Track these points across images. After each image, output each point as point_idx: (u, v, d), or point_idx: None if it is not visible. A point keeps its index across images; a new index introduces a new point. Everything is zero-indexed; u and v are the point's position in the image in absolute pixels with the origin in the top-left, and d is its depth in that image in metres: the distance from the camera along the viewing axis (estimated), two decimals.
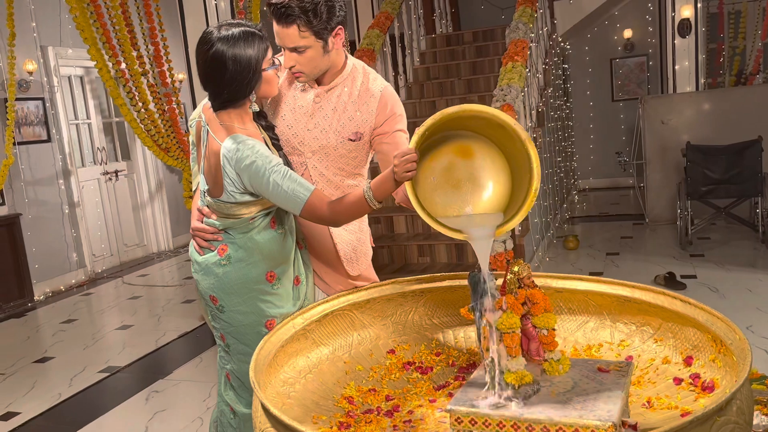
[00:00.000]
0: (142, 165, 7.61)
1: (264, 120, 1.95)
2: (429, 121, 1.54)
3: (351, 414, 1.74)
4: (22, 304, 5.81)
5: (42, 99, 6.29)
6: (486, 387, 1.45)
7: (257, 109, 1.85)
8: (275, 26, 1.83)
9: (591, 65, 9.19)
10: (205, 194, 1.86)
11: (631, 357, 1.81)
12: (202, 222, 1.91)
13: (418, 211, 1.60)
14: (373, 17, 6.71)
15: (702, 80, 7.06)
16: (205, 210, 1.89)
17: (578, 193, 8.95)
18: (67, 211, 6.53)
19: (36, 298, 6.00)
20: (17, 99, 5.87)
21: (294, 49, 1.84)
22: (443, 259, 4.96)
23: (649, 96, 7.58)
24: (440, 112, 1.55)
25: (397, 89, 6.75)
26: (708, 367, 1.63)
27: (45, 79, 6.35)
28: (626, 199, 8.30)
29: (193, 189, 1.95)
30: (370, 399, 1.81)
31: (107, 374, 3.94)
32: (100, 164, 7.17)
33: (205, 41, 1.75)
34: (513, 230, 4.31)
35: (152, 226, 7.75)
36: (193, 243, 1.94)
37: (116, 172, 7.35)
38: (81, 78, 7.03)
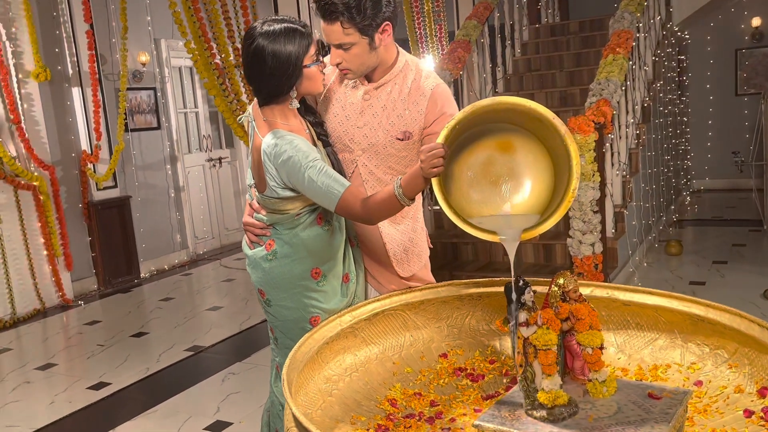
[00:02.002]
0: (244, 153, 7.91)
1: (312, 116, 1.93)
2: (460, 115, 1.46)
3: (391, 417, 1.70)
4: (129, 281, 6.23)
5: (154, 89, 6.69)
6: (521, 406, 1.36)
7: (297, 105, 1.84)
8: (321, 22, 1.81)
9: (713, 56, 8.50)
10: (253, 189, 1.88)
11: (700, 382, 1.64)
12: (252, 217, 1.93)
13: (445, 209, 1.52)
14: (473, 7, 6.56)
15: None
16: (255, 205, 1.91)
17: (691, 195, 8.34)
18: (173, 194, 6.92)
19: (142, 275, 6.41)
20: (131, 89, 6.27)
21: (339, 46, 1.81)
22: (530, 260, 4.78)
23: None
24: (472, 104, 1.47)
25: (494, 81, 6.57)
26: None
27: (157, 70, 6.75)
28: (745, 203, 7.63)
29: (247, 183, 1.98)
30: (414, 403, 1.76)
31: (192, 353, 4.13)
32: (205, 151, 7.53)
33: (248, 36, 1.77)
34: (604, 232, 4.07)
35: None
36: (245, 237, 1.97)
37: (220, 158, 7.69)
38: (190, 69, 7.39)
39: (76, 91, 5.81)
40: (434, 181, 1.52)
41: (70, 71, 5.77)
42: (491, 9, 6.27)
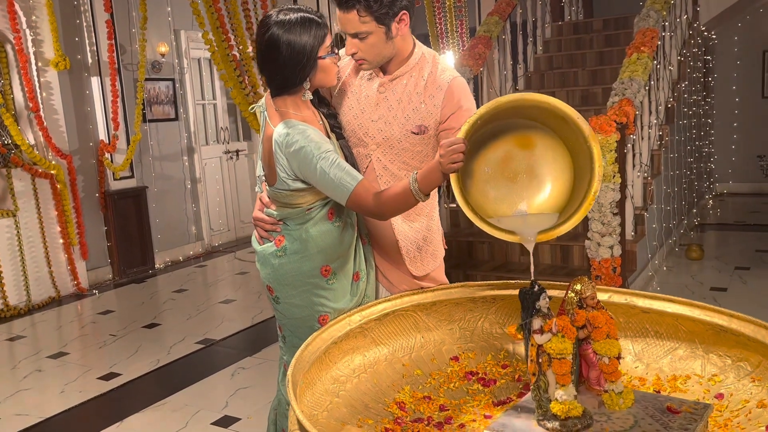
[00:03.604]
0: None
1: (326, 107, 1.89)
2: (482, 110, 1.41)
3: (399, 421, 1.65)
4: (144, 271, 6.24)
5: (172, 80, 6.69)
6: (532, 416, 1.31)
7: (311, 97, 1.79)
8: (337, 11, 1.76)
9: (740, 57, 8.32)
10: (263, 181, 1.84)
11: (721, 395, 1.57)
12: (262, 212, 1.89)
13: (463, 206, 1.47)
14: (496, 3, 6.47)
15: None
16: (265, 199, 1.87)
17: (714, 198, 8.18)
18: (189, 186, 6.92)
19: (156, 266, 6.42)
20: (149, 79, 6.27)
21: (355, 35, 1.76)
22: (547, 261, 4.70)
23: None
24: (495, 100, 1.41)
25: (515, 78, 6.49)
26: None
27: (176, 61, 6.75)
28: None
29: (257, 175, 1.94)
30: (423, 407, 1.72)
31: (202, 346, 4.12)
32: (222, 143, 7.53)
33: (264, 24, 1.73)
34: (623, 235, 3.98)
35: None
36: (254, 232, 1.93)
37: (237, 151, 7.68)
38: (209, 60, 7.37)
39: (95, 81, 5.82)
40: (453, 177, 1.47)
41: (90, 60, 5.78)
42: (514, 5, 6.18)
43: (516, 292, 1.96)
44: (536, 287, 1.30)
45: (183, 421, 3.08)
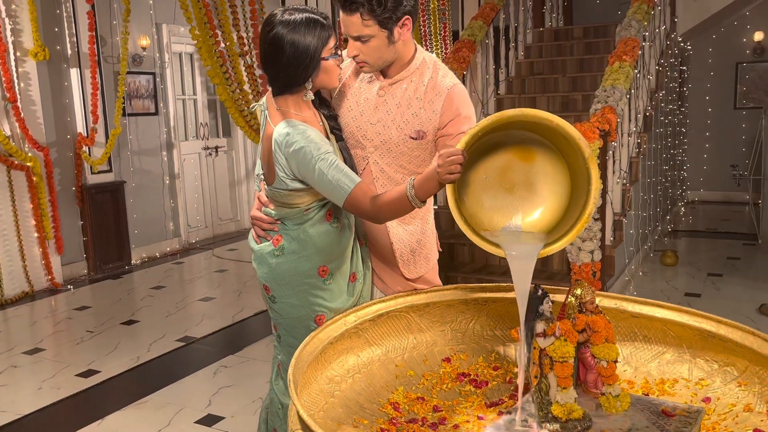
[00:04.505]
0: (241, 143, 7.85)
1: (326, 109, 1.89)
2: (483, 122, 1.43)
3: (394, 421, 1.67)
4: (120, 267, 6.16)
5: (153, 74, 6.60)
6: (533, 417, 1.33)
7: (312, 97, 1.80)
8: (341, 13, 1.77)
9: (713, 68, 8.53)
10: (262, 180, 1.84)
11: (708, 399, 1.62)
12: (261, 211, 1.89)
13: (457, 219, 1.49)
14: (479, 7, 6.52)
15: None
16: (264, 199, 1.87)
17: (685, 205, 8.36)
18: (167, 181, 6.85)
19: (133, 262, 6.34)
20: (129, 73, 6.18)
21: (357, 38, 1.77)
22: None
23: None
24: (498, 114, 1.43)
25: (496, 83, 6.54)
26: None
27: (157, 54, 6.67)
28: (739, 216, 7.66)
29: (256, 173, 1.94)
30: (417, 408, 1.73)
31: (183, 344, 4.08)
32: (202, 139, 7.46)
33: (268, 23, 1.73)
34: (603, 240, 4.05)
35: (246, 203, 7.99)
36: (252, 231, 1.93)
37: (216, 147, 7.62)
38: (191, 55, 7.32)
39: (74, 72, 5.72)
40: (449, 188, 1.49)
41: (69, 52, 5.68)
42: (497, 10, 6.24)
43: (508, 294, 2.01)
44: (539, 291, 1.32)
45: (165, 420, 3.05)
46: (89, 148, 5.81)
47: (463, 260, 4.96)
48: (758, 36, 8.20)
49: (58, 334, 4.38)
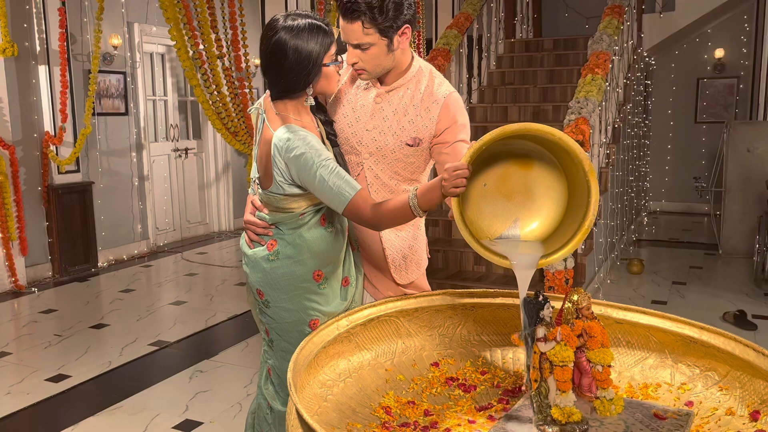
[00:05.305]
0: (211, 145, 7.77)
1: (323, 114, 1.91)
2: (487, 137, 1.46)
3: (387, 425, 1.68)
4: (87, 269, 6.03)
5: (124, 73, 6.50)
6: (530, 420, 1.37)
7: (312, 103, 1.81)
8: (341, 21, 1.79)
9: (676, 83, 8.80)
10: (257, 184, 1.84)
11: (691, 402, 1.68)
12: (254, 215, 1.89)
13: (462, 230, 1.51)
14: (453, 17, 6.61)
15: None
16: (257, 203, 1.87)
17: (648, 215, 8.59)
18: (136, 183, 6.73)
19: (100, 264, 6.21)
20: (100, 71, 6.07)
21: (357, 46, 1.79)
22: (499, 270, 4.83)
23: (737, 121, 7.18)
24: (502, 127, 1.47)
25: (469, 92, 6.63)
26: None
27: (128, 54, 6.56)
28: (699, 227, 7.91)
29: (252, 177, 1.94)
30: (408, 411, 1.75)
31: (156, 348, 4.02)
32: (172, 141, 7.36)
33: (270, 28, 1.73)
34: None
35: (215, 206, 7.91)
36: (244, 235, 1.93)
37: (186, 149, 7.53)
38: (162, 56, 7.23)
39: (42, 70, 5.59)
40: (453, 200, 1.52)
41: (38, 48, 5.55)
42: (471, 20, 6.33)
43: (495, 300, 2.05)
44: (540, 297, 1.36)
45: (142, 425, 3.00)
46: (57, 148, 5.68)
47: (437, 266, 5.01)
48: (719, 53, 8.49)
49: (24, 337, 4.27)
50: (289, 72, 1.72)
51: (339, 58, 1.79)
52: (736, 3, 7.53)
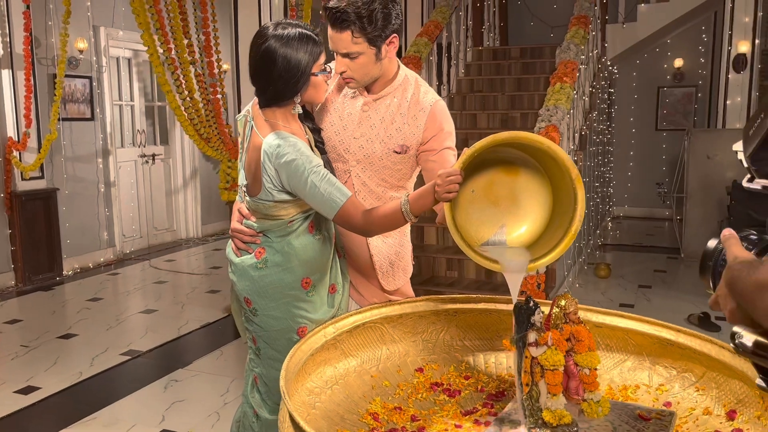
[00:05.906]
0: (179, 151, 7.68)
1: (311, 122, 1.92)
2: (480, 144, 1.50)
3: (375, 431, 1.70)
4: (51, 278, 5.89)
5: (89, 78, 6.38)
6: (521, 424, 1.40)
7: (300, 111, 1.83)
8: (329, 30, 1.81)
9: (637, 92, 9.05)
10: (245, 192, 1.84)
11: (669, 403, 1.73)
12: (241, 223, 1.89)
13: (454, 235, 1.55)
14: (422, 25, 6.68)
15: None
16: (245, 211, 1.87)
17: (612, 220, 8.80)
18: (102, 189, 6.61)
19: (65, 272, 6.07)
20: (66, 76, 5.95)
21: (346, 55, 1.81)
22: (471, 275, 4.89)
23: (697, 129, 7.41)
24: (494, 135, 1.51)
25: None
26: (752, 424, 1.56)
27: (94, 58, 6.45)
28: (661, 231, 8.13)
29: (239, 184, 1.93)
30: (396, 417, 1.77)
31: (128, 357, 3.95)
32: (139, 146, 7.25)
33: (260, 36, 1.75)
34: None
35: (183, 213, 7.82)
36: (231, 244, 1.92)
37: (153, 155, 7.42)
38: (129, 60, 7.12)
39: (5, 74, 5.46)
40: (446, 206, 1.55)
41: (1, 52, 5.42)
42: (441, 28, 6.40)
43: (478, 306, 2.09)
44: (531, 303, 1.40)
45: None
46: (20, 153, 5.55)
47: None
48: (678, 62, 8.76)
49: None
50: (278, 80, 1.73)
51: (327, 67, 1.81)
52: (695, 14, 7.79)
